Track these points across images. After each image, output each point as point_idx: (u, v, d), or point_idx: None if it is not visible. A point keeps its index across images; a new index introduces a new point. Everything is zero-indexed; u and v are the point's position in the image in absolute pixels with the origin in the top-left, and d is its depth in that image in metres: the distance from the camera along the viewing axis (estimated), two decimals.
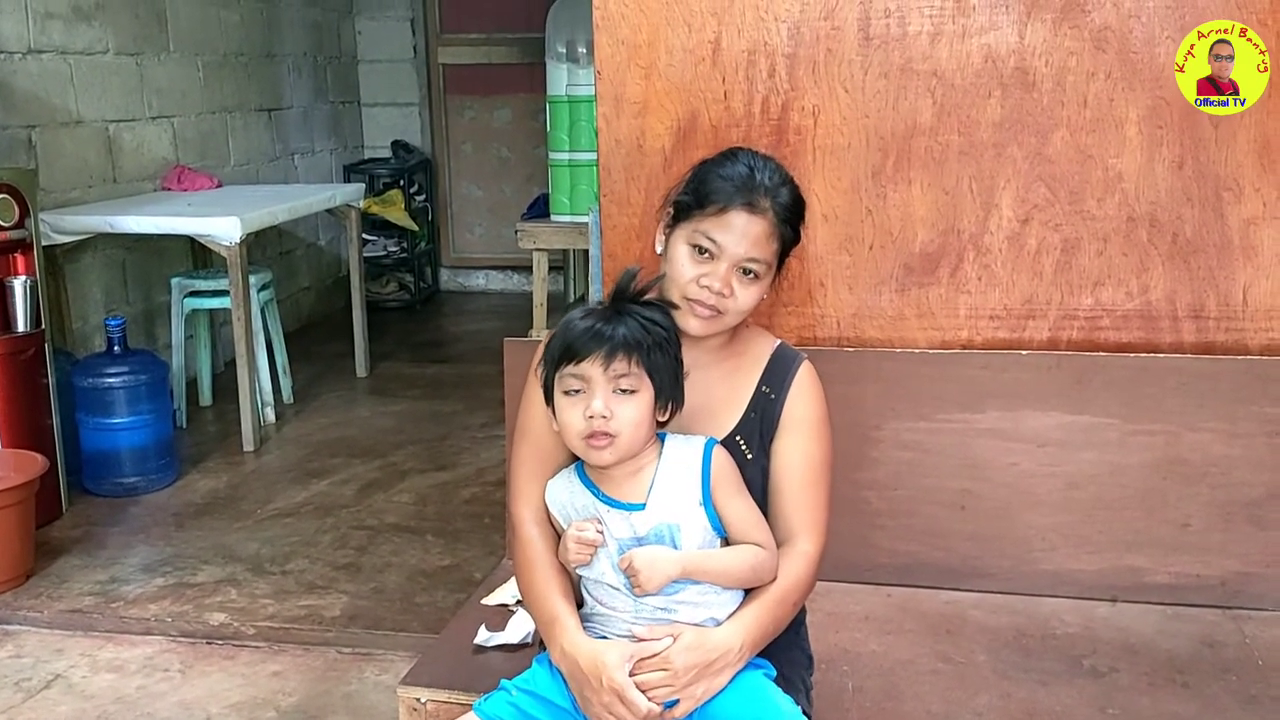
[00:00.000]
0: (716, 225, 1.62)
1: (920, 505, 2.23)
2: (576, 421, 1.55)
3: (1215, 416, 2.14)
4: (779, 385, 1.69)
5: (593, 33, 2.30)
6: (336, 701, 2.63)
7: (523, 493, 1.70)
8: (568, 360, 1.54)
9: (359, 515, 3.65)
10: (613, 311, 1.56)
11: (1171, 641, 2.04)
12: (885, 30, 2.21)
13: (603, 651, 1.54)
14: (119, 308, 4.57)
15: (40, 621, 3.00)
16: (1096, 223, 2.22)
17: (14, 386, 3.38)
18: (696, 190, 1.65)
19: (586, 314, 1.57)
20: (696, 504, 1.58)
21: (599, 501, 1.60)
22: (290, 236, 6.14)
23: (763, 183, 1.64)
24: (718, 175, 1.65)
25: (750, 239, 1.62)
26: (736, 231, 1.61)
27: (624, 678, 1.52)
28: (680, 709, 1.53)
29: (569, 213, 4.43)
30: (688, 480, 1.59)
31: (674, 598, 1.56)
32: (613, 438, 1.54)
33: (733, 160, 1.68)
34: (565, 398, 1.56)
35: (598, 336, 1.53)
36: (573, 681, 1.57)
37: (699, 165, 1.72)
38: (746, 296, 1.64)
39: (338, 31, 6.92)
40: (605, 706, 1.52)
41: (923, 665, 1.98)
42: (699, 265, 1.62)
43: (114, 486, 3.79)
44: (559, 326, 1.59)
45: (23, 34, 4.08)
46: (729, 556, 1.59)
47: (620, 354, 1.53)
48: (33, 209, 3.46)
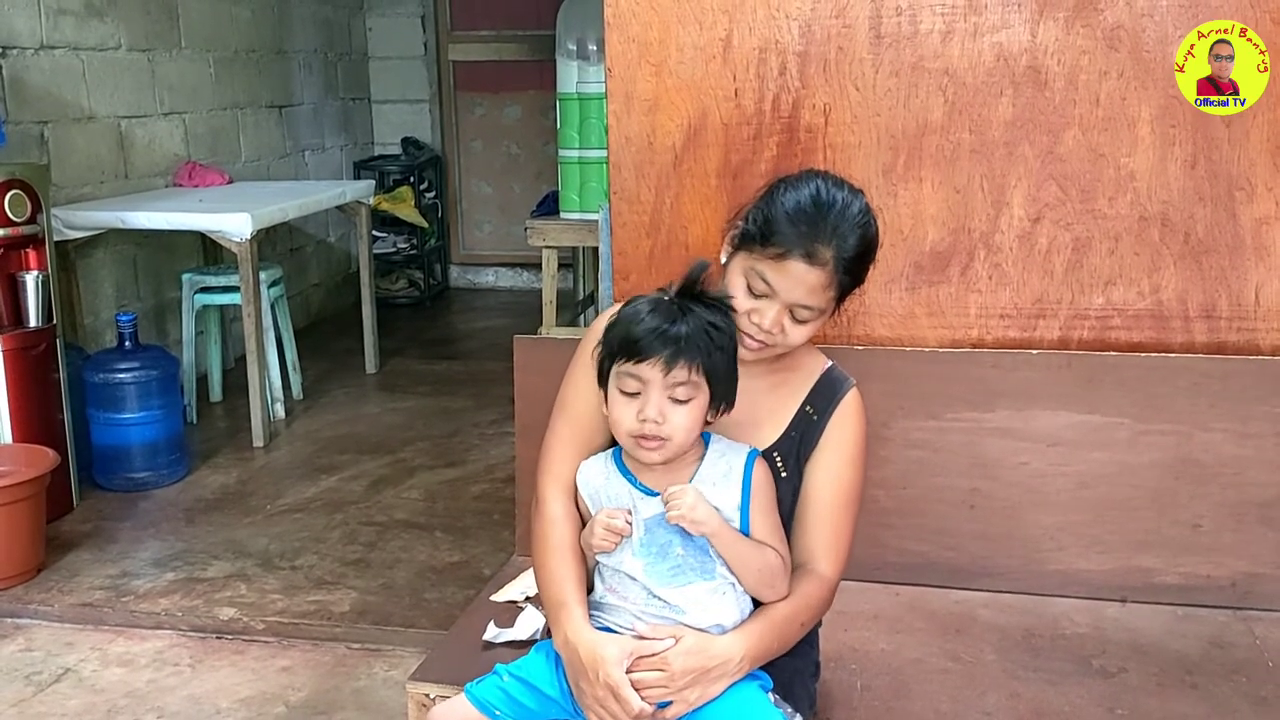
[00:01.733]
0: (773, 269, 1.57)
1: (929, 504, 2.22)
2: (629, 421, 1.54)
3: (1227, 417, 2.14)
4: (823, 408, 1.68)
5: (603, 30, 2.30)
6: (346, 697, 2.63)
7: (553, 471, 1.69)
8: (628, 357, 1.52)
9: (368, 511, 3.66)
10: (678, 309, 1.53)
11: (1181, 642, 2.04)
12: (896, 28, 2.20)
13: (602, 645, 1.54)
14: (130, 303, 4.59)
15: (51, 615, 3.01)
16: (1108, 222, 2.22)
17: (26, 381, 3.40)
18: (764, 224, 1.59)
19: (652, 307, 1.53)
20: (735, 508, 1.58)
21: (634, 489, 1.60)
22: (300, 233, 6.15)
23: (828, 229, 1.56)
24: (785, 214, 1.58)
25: (806, 287, 1.57)
26: (793, 279, 1.57)
27: (620, 674, 1.52)
28: (672, 711, 1.53)
29: (578, 210, 4.44)
30: (728, 485, 1.58)
31: (683, 595, 1.56)
32: (664, 441, 1.53)
33: (808, 196, 1.60)
34: (620, 395, 1.55)
35: (662, 337, 1.50)
36: (570, 670, 1.57)
37: (775, 186, 1.65)
38: (797, 334, 1.61)
39: (348, 28, 6.93)
40: (599, 700, 1.52)
41: (932, 664, 1.97)
42: (752, 301, 1.60)
43: (124, 481, 3.80)
44: (623, 314, 1.55)
45: (35, 30, 4.09)
46: (752, 548, 1.58)
47: (682, 360, 1.50)
48: (45, 204, 3.47)
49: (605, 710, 1.52)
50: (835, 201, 1.59)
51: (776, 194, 1.62)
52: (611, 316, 1.59)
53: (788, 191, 1.62)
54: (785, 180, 1.65)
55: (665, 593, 1.57)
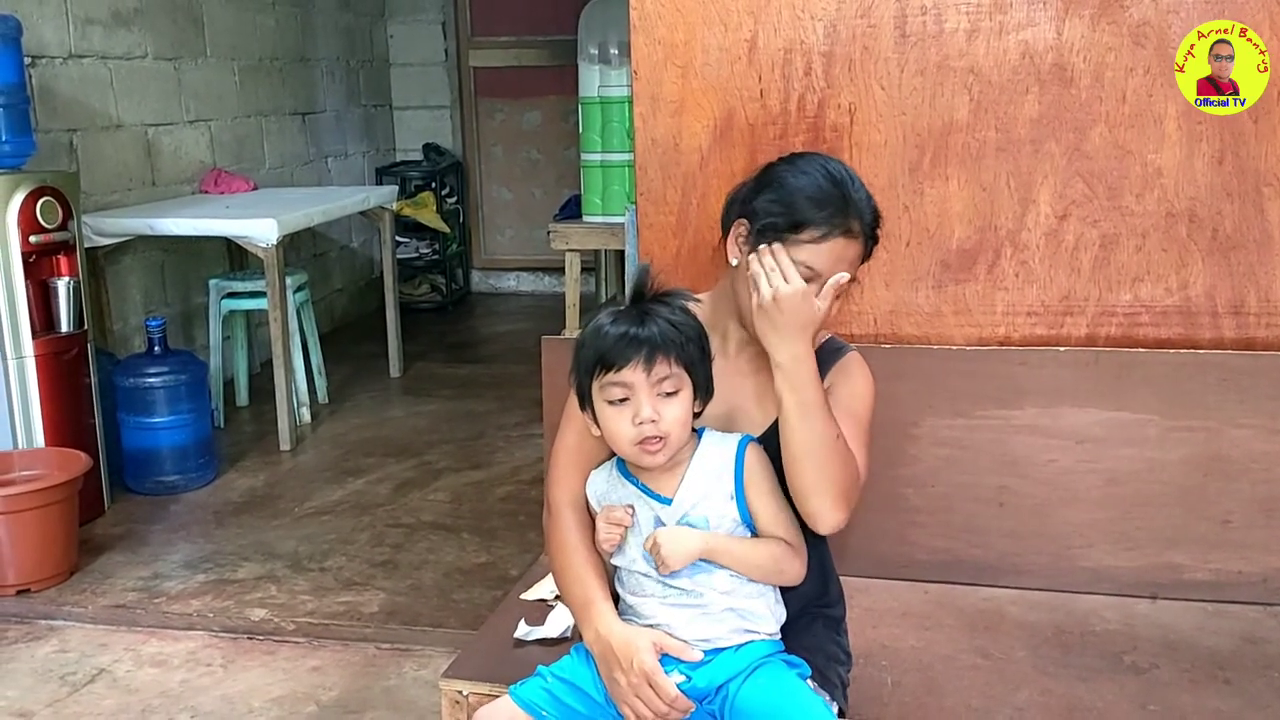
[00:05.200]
0: (813, 252, 1.60)
1: (958, 502, 2.22)
2: (626, 429, 1.55)
3: (1256, 413, 2.13)
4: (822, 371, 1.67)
5: (627, 33, 2.32)
6: (376, 696, 2.65)
7: (561, 481, 1.72)
8: (607, 368, 1.55)
9: (395, 513, 3.68)
10: (639, 313, 1.56)
11: (1212, 638, 2.03)
12: (922, 27, 2.21)
13: (635, 635, 1.57)
14: (158, 309, 4.64)
15: (84, 617, 3.05)
16: (1135, 219, 2.21)
17: (58, 386, 3.44)
18: (788, 212, 1.61)
19: (614, 319, 1.56)
20: (728, 498, 1.60)
21: (639, 492, 1.63)
22: (324, 239, 6.20)
23: (855, 203, 1.63)
24: (808, 199, 1.61)
25: (847, 262, 1.63)
26: (837, 257, 1.61)
27: (654, 661, 1.54)
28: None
29: (601, 213, 4.45)
30: (721, 475, 1.60)
31: (703, 582, 1.58)
32: (664, 439, 1.56)
33: (820, 174, 1.63)
34: (610, 407, 1.57)
35: (634, 341, 1.53)
36: (603, 664, 1.59)
37: (770, 174, 1.67)
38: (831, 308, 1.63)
39: (370, 35, 6.98)
40: (633, 688, 1.54)
41: (962, 661, 1.98)
42: None
43: (155, 485, 3.84)
44: (588, 334, 1.58)
45: (64, 39, 4.14)
46: (753, 546, 1.60)
47: (660, 356, 1.53)
48: (76, 211, 3.52)
49: (640, 698, 1.54)
50: (845, 175, 1.65)
51: (782, 181, 1.64)
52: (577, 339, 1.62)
53: (796, 176, 1.64)
54: (778, 167, 1.67)
55: (681, 580, 1.59)
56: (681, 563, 1.56)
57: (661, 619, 1.60)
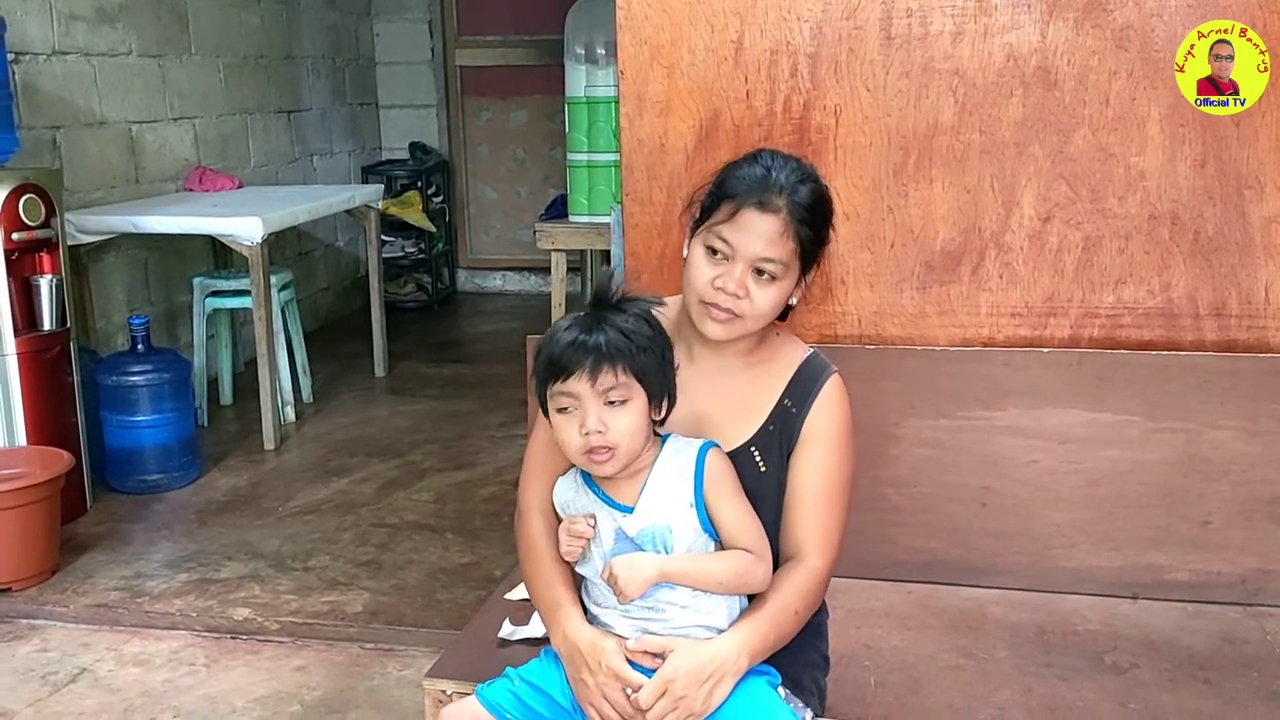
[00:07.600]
0: (729, 226, 1.59)
1: (941, 502, 2.24)
2: (574, 439, 1.54)
3: (1237, 414, 2.15)
4: (802, 399, 1.66)
5: (614, 33, 2.32)
6: (360, 696, 2.65)
7: (531, 484, 1.72)
8: (554, 376, 1.54)
9: (379, 513, 3.68)
10: (593, 319, 1.55)
11: (1192, 638, 2.05)
12: (907, 30, 2.22)
13: (602, 638, 1.56)
14: (141, 307, 4.61)
15: (66, 616, 3.03)
16: (1118, 221, 2.23)
17: (40, 384, 3.42)
18: (714, 193, 1.64)
19: (569, 324, 1.56)
20: (687, 506, 1.57)
21: (599, 500, 1.61)
22: (309, 238, 6.18)
23: (778, 181, 1.60)
24: (734, 176, 1.63)
25: (764, 239, 1.57)
26: (749, 231, 1.58)
27: (621, 661, 1.53)
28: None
29: (587, 213, 4.45)
30: (680, 482, 1.58)
31: (664, 599, 1.56)
32: (612, 450, 1.54)
33: (752, 161, 1.65)
34: (559, 415, 1.55)
35: (581, 349, 1.52)
36: (570, 666, 1.58)
37: (723, 168, 1.70)
38: (764, 299, 1.60)
39: (356, 34, 6.96)
40: (601, 688, 1.53)
41: (944, 661, 1.99)
42: (714, 267, 1.60)
43: (137, 484, 3.82)
44: (544, 339, 1.58)
45: (47, 36, 4.12)
46: (712, 562, 1.57)
47: (605, 366, 1.51)
48: (58, 209, 3.50)
49: (607, 699, 1.53)
50: (781, 164, 1.63)
51: (724, 172, 1.66)
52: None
53: (733, 168, 1.65)
54: (731, 162, 1.69)
55: (640, 601, 1.56)
56: (639, 590, 1.53)
57: (625, 632, 1.58)
